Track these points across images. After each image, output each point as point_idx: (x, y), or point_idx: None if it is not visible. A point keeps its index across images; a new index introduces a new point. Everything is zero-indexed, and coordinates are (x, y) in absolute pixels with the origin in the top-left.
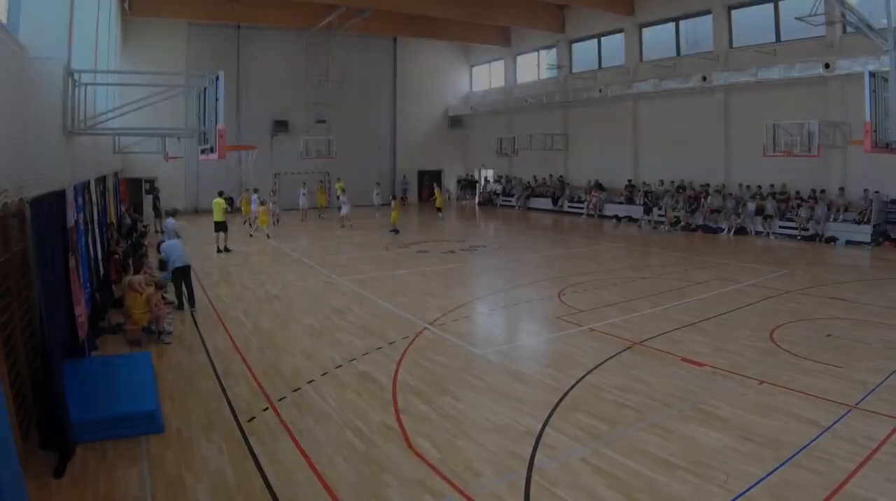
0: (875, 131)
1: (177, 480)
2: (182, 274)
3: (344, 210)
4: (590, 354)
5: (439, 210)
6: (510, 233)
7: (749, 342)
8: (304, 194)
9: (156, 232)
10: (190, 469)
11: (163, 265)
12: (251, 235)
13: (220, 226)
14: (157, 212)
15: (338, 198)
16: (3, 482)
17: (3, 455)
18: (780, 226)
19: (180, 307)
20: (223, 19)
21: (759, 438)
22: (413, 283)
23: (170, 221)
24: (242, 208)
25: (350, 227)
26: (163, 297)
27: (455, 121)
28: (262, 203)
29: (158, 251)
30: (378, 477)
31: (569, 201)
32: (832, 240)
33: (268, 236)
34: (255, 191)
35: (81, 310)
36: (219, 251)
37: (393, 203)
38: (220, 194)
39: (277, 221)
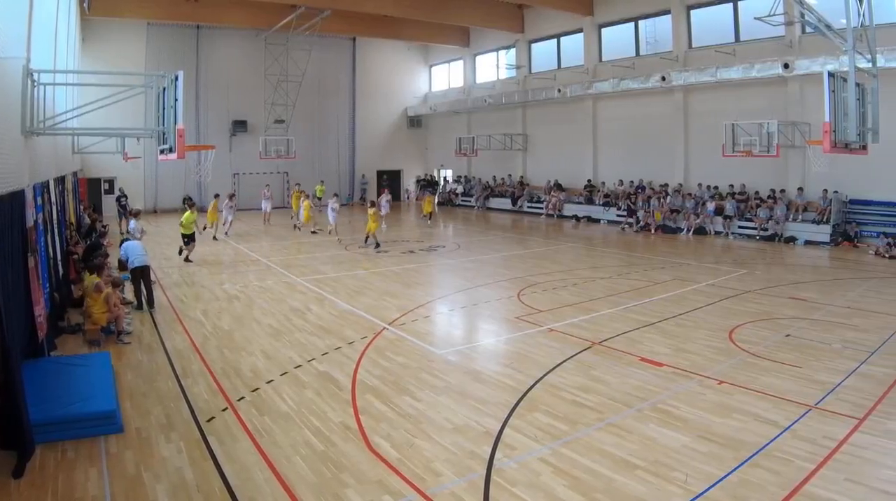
0: (834, 131)
1: (136, 480)
2: (141, 274)
3: (331, 218)
4: (549, 354)
5: (430, 215)
6: (469, 233)
7: (708, 342)
8: (267, 197)
9: (120, 233)
10: (149, 469)
11: (122, 265)
12: (298, 228)
13: (188, 238)
14: (122, 214)
15: (317, 200)
16: None
17: None
18: (740, 226)
19: (139, 307)
20: (182, 19)
21: (718, 438)
22: (373, 283)
23: (132, 223)
24: (208, 216)
25: (322, 234)
26: (122, 297)
27: (414, 121)
28: (307, 197)
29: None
30: (337, 477)
31: (528, 201)
32: (791, 240)
33: (313, 232)
34: (297, 184)
35: (41, 310)
36: (184, 256)
37: (370, 210)
38: (189, 206)
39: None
